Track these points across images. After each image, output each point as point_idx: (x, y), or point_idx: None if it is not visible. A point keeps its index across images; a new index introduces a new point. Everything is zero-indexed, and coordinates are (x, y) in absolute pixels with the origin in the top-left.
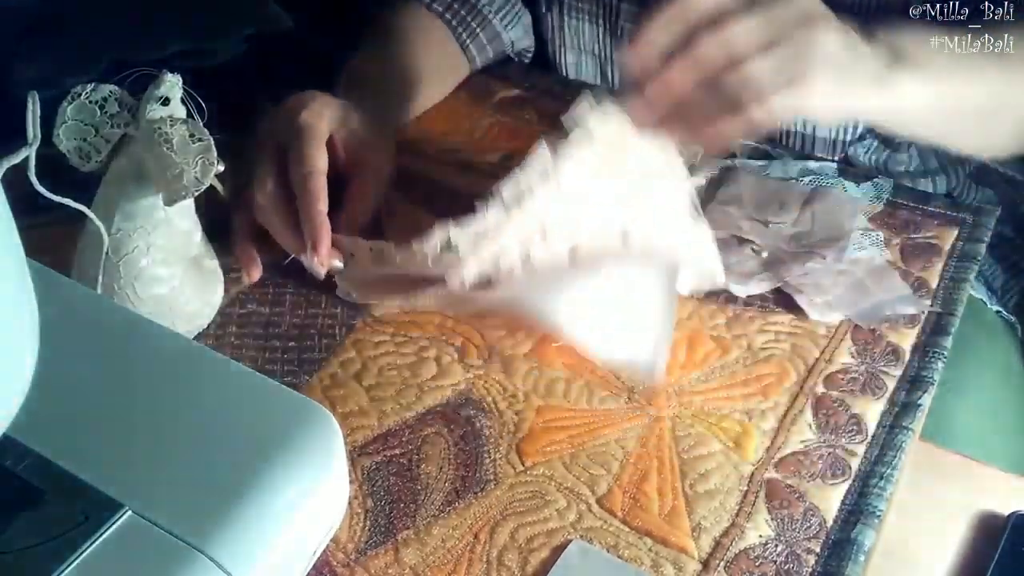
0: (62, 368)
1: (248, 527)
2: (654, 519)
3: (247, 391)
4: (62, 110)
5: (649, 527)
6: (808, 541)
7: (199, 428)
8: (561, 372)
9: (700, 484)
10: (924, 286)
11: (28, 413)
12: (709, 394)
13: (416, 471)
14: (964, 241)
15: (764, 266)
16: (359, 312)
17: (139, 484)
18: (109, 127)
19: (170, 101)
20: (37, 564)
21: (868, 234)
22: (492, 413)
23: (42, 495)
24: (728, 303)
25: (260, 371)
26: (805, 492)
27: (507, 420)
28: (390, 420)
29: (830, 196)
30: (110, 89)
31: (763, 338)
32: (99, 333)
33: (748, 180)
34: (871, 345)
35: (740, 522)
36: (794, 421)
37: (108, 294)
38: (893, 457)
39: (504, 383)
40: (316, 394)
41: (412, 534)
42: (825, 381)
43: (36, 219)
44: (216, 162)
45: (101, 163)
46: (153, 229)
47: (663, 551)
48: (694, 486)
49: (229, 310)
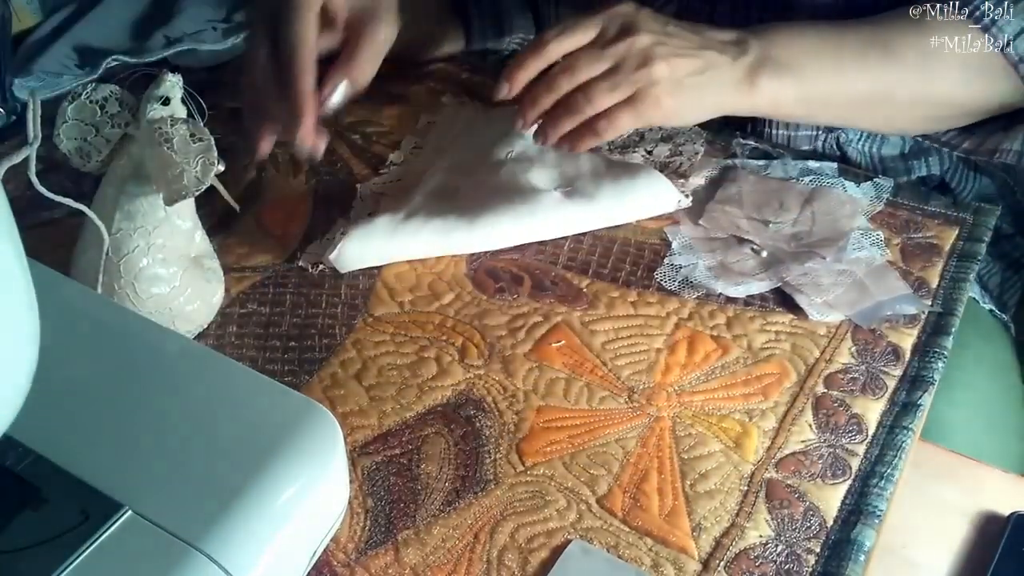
0: (62, 368)
1: (248, 527)
2: (654, 519)
3: (247, 391)
4: (62, 110)
5: (649, 527)
6: (808, 541)
7: (199, 428)
8: (561, 372)
9: (700, 484)
10: (924, 286)
11: (28, 413)
12: (709, 394)
13: (416, 471)
14: (964, 241)
15: (764, 266)
16: (359, 312)
17: (139, 484)
18: (109, 127)
19: (170, 101)
20: (37, 564)
21: (868, 234)
22: (492, 413)
23: (42, 495)
24: (728, 303)
25: (260, 371)
26: (805, 492)
27: (507, 420)
28: (390, 420)
29: (830, 196)
30: (110, 89)
31: (763, 338)
32: (99, 333)
33: (748, 180)
34: (871, 345)
35: (740, 522)
36: (794, 421)
37: (108, 294)
38: (893, 457)
39: (504, 383)
40: (316, 394)
41: (412, 534)
42: (825, 381)
43: (36, 219)
44: (216, 162)
45: (101, 163)
46: (153, 229)
47: (663, 551)
48: (694, 486)
49: (229, 310)
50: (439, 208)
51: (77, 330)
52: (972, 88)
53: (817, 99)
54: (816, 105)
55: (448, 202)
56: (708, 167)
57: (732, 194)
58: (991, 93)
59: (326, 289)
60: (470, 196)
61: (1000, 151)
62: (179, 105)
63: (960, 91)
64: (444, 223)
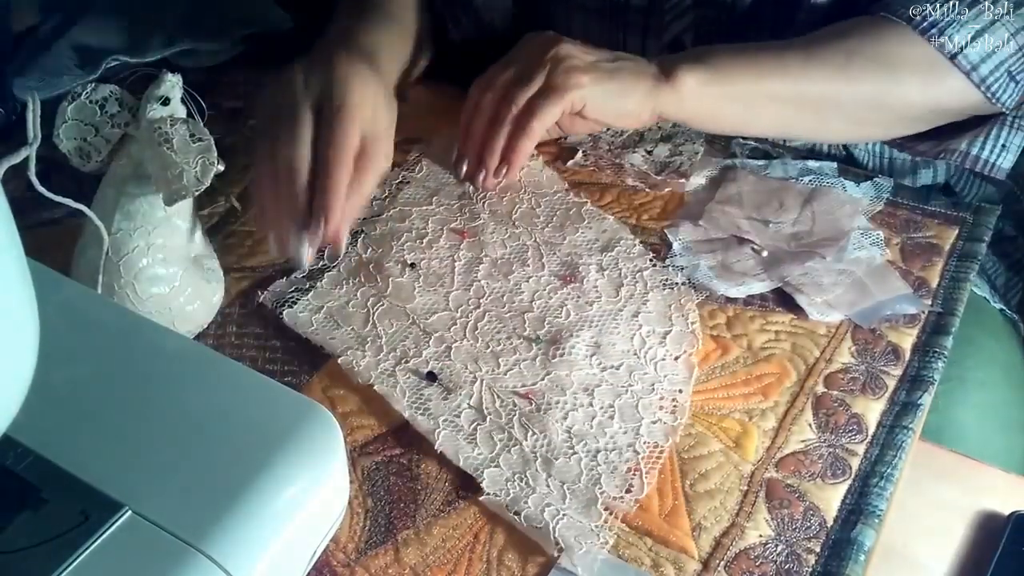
0: (62, 368)
1: (248, 527)
2: (654, 519)
3: (247, 391)
4: (62, 110)
5: (649, 527)
6: (808, 541)
7: (199, 428)
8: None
9: (700, 484)
10: (924, 286)
11: (28, 413)
12: (709, 394)
13: (416, 471)
14: (964, 240)
15: (764, 266)
16: None
17: (139, 484)
18: (109, 127)
19: (170, 101)
20: (37, 564)
21: (868, 234)
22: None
23: (42, 495)
24: (728, 303)
25: (260, 371)
26: (805, 492)
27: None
28: (390, 420)
29: (830, 196)
30: (110, 89)
31: (763, 338)
32: (99, 333)
33: (748, 180)
34: (871, 345)
35: (740, 522)
36: (794, 421)
37: (108, 294)
38: (893, 457)
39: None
40: (316, 394)
41: (412, 534)
42: (825, 381)
43: (36, 219)
44: (216, 162)
45: (101, 163)
46: (153, 229)
47: (663, 551)
48: (694, 486)
49: (229, 310)
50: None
51: (77, 330)
52: (924, 94)
53: (739, 95)
54: (740, 103)
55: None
56: (708, 167)
57: (732, 194)
58: (939, 99)
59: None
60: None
61: (947, 151)
62: (179, 105)
63: (911, 96)
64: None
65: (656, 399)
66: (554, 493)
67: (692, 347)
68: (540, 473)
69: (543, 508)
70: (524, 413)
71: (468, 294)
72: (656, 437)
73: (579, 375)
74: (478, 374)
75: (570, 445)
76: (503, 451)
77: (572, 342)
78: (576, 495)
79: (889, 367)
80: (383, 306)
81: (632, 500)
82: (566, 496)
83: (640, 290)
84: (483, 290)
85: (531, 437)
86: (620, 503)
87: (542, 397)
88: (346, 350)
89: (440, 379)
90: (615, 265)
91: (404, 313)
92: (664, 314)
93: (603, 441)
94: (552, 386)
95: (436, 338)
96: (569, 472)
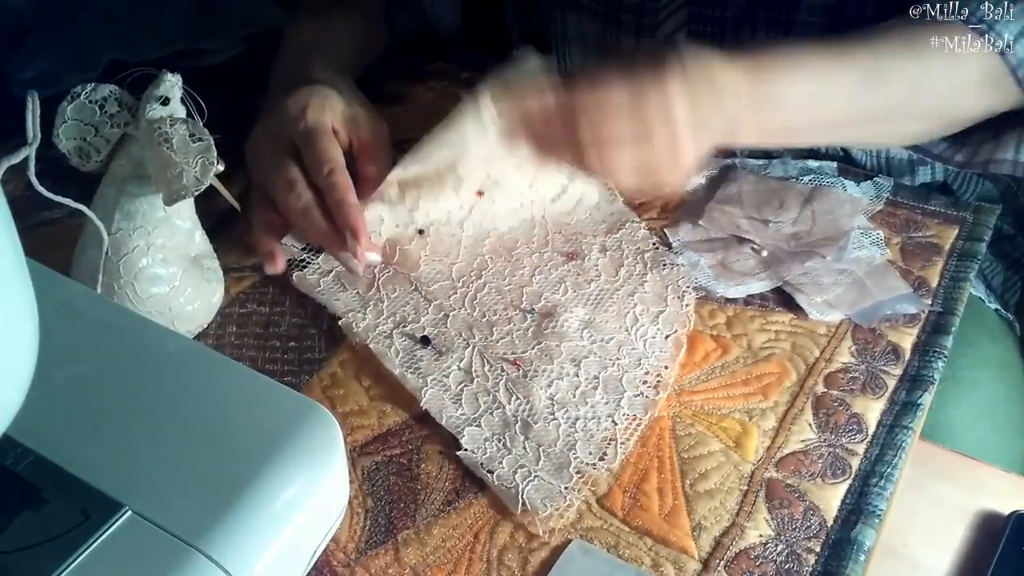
0: (62, 368)
1: (248, 527)
2: (654, 519)
3: (247, 391)
4: (62, 110)
5: (649, 527)
6: (808, 541)
7: (199, 428)
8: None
9: (700, 484)
10: (924, 285)
11: (28, 413)
12: (709, 394)
13: (416, 471)
14: (964, 240)
15: (764, 265)
16: None
17: (139, 484)
18: (109, 127)
19: (170, 101)
20: (37, 564)
21: (868, 233)
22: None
23: (42, 495)
24: (728, 303)
25: (260, 371)
26: (805, 492)
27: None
28: (390, 420)
29: (830, 195)
30: (110, 89)
31: (763, 338)
32: (99, 333)
33: (748, 179)
34: (871, 345)
35: (740, 522)
36: (794, 421)
37: (108, 294)
38: (893, 456)
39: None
40: (316, 394)
41: (412, 534)
42: (825, 380)
43: (36, 219)
44: (216, 162)
45: (101, 163)
46: (153, 229)
47: (663, 551)
48: (694, 486)
49: (229, 310)
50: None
51: (77, 330)
52: (965, 96)
53: (826, 99)
54: (825, 108)
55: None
56: (708, 167)
57: (732, 194)
58: (981, 100)
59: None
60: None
61: (994, 162)
62: (179, 105)
63: (949, 100)
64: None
65: (641, 373)
66: (529, 455)
67: (684, 327)
68: (518, 436)
69: (516, 470)
70: (511, 378)
71: (472, 266)
72: (636, 410)
73: (568, 346)
74: (471, 340)
75: (551, 411)
76: (485, 412)
77: (566, 316)
78: (551, 458)
79: (889, 367)
80: (389, 272)
81: (604, 467)
82: (540, 458)
83: (639, 271)
84: (487, 263)
85: (514, 401)
86: (592, 468)
87: (530, 364)
88: (348, 312)
89: (433, 343)
90: (618, 246)
91: (408, 280)
92: (660, 295)
93: (583, 410)
94: (541, 355)
95: (436, 305)
96: (547, 436)
